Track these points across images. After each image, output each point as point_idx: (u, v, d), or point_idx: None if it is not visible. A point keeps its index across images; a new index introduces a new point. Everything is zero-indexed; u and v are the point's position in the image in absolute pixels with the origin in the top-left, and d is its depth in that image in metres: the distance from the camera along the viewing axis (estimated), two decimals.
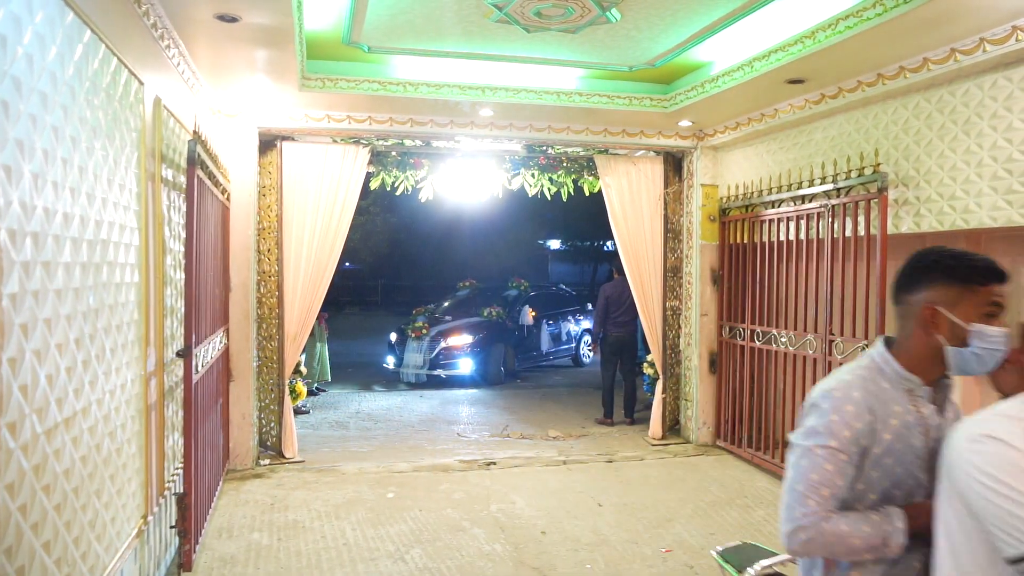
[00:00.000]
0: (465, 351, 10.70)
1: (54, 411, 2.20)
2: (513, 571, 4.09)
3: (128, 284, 3.07)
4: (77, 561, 2.44)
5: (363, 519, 4.85)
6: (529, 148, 6.85)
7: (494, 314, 11.43)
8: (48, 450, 2.17)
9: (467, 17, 4.35)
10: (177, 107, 4.11)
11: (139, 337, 3.25)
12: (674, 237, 7.10)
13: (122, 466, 2.97)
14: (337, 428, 7.66)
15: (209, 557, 4.16)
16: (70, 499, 2.36)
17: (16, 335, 1.93)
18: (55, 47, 2.24)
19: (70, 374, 2.33)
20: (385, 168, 6.67)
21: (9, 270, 1.89)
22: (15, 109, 1.94)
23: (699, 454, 6.53)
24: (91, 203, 2.58)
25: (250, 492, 5.33)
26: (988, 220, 4.01)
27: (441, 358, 10.63)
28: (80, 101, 2.46)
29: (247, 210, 5.85)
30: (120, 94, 2.96)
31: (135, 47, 3.24)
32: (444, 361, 10.62)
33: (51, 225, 2.19)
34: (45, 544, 2.15)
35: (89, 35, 2.57)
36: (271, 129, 5.99)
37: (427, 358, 10.60)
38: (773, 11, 4.17)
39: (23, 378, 1.98)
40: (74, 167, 2.39)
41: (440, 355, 10.65)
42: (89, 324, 2.54)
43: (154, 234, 3.55)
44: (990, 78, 3.98)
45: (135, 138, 3.20)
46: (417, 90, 5.48)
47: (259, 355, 6.12)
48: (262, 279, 6.15)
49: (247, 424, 5.87)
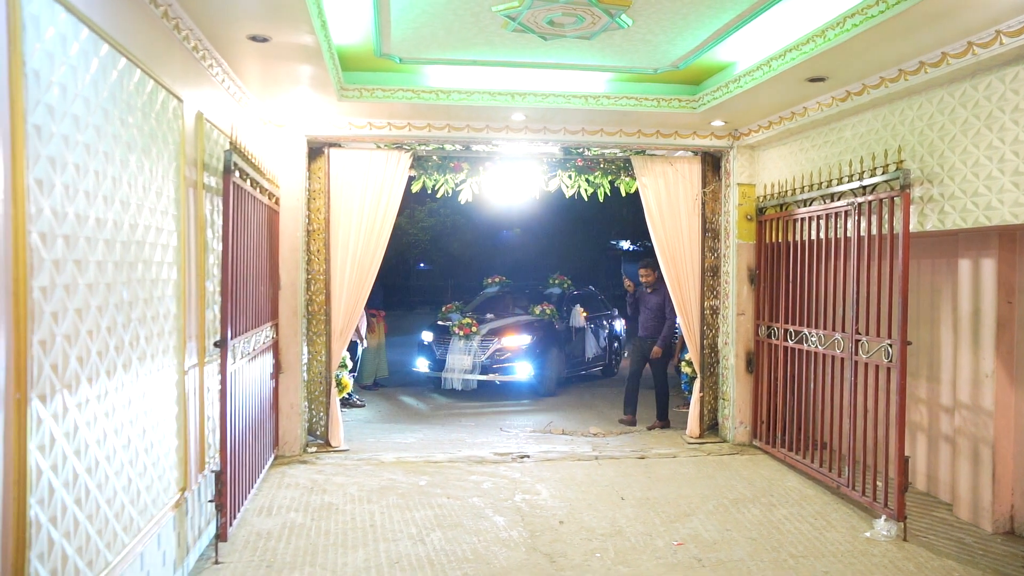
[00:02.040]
0: (522, 353, 9.26)
1: (85, 387, 2.56)
2: (525, 556, 4.28)
3: (165, 280, 3.45)
4: (110, 520, 2.81)
5: (393, 504, 5.14)
6: (566, 150, 7.00)
7: (547, 312, 10.11)
8: (79, 420, 2.53)
9: (486, 28, 4.57)
10: (221, 119, 4.52)
11: (177, 328, 3.64)
12: (713, 237, 7.09)
13: (158, 441, 3.35)
14: (387, 420, 8.04)
15: (247, 532, 4.54)
16: (102, 465, 2.73)
17: (47, 321, 2.29)
18: (88, 75, 2.61)
19: (101, 356, 2.70)
20: (426, 172, 6.98)
21: (39, 267, 2.24)
22: (47, 131, 2.30)
23: (734, 453, 6.52)
24: (125, 209, 2.95)
25: (294, 476, 5.74)
26: (1010, 217, 3.90)
27: (494, 361, 9.23)
28: (114, 121, 2.83)
29: (296, 214, 6.27)
30: (157, 112, 3.35)
31: (175, 68, 3.63)
32: (498, 365, 9.20)
33: (83, 228, 2.55)
34: (77, 500, 2.52)
35: (124, 62, 2.95)
36: (318, 137, 6.40)
37: (477, 361, 9.22)
38: (786, 10, 4.20)
39: (53, 358, 2.34)
40: (107, 178, 2.76)
41: (494, 357, 9.25)
42: (122, 314, 2.91)
43: (196, 235, 3.94)
44: (1012, 70, 3.88)
45: (173, 150, 3.58)
46: (449, 97, 5.75)
47: (309, 350, 6.54)
48: (312, 278, 6.57)
49: (295, 413, 6.29)
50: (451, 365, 9.29)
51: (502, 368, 9.17)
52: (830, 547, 4.40)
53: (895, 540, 4.47)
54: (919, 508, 5.08)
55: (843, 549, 4.36)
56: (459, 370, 9.23)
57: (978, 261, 4.74)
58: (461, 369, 9.23)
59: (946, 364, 5.18)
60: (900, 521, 4.51)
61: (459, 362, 9.27)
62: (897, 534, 4.51)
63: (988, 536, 4.59)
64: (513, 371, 9.17)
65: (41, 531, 2.27)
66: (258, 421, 5.25)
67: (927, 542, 4.48)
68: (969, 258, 4.81)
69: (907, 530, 4.52)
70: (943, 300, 5.23)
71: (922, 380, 5.41)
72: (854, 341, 5.03)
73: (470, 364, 9.20)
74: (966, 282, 4.83)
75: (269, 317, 5.77)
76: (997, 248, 4.59)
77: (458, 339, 9.38)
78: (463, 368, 9.22)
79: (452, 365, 9.29)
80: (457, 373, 9.25)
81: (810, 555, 4.29)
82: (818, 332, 5.55)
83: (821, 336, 5.50)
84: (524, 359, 9.23)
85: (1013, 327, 4.61)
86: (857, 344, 5.00)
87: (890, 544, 4.43)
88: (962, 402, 4.86)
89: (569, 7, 4.11)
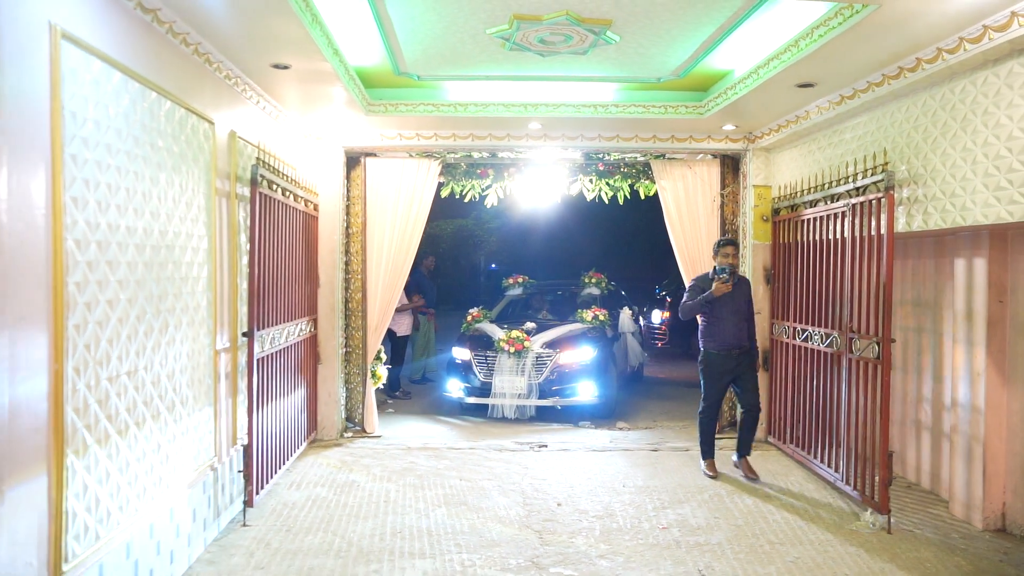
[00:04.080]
0: (584, 371, 7.69)
1: (115, 363, 3.15)
2: (516, 532, 4.67)
3: (196, 277, 4.04)
4: (139, 475, 3.39)
5: (409, 483, 5.64)
6: (586, 155, 7.33)
7: (600, 319, 8.53)
8: (111, 390, 3.11)
9: (487, 48, 4.99)
10: (256, 136, 5.12)
11: (208, 319, 4.24)
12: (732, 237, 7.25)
13: (186, 415, 3.95)
14: (427, 410, 8.54)
15: (276, 502, 5.13)
16: (131, 429, 3.32)
17: (80, 309, 2.87)
18: (120, 110, 3.19)
19: (130, 340, 3.28)
20: (454, 178, 7.47)
21: (74, 267, 2.82)
22: (82, 158, 2.88)
23: None
24: (155, 218, 3.54)
25: (327, 457, 6.32)
26: (981, 217, 4.00)
27: (554, 382, 7.66)
28: (144, 145, 3.42)
29: (334, 219, 6.87)
30: (187, 134, 3.94)
31: (206, 95, 4.23)
32: (558, 387, 7.64)
33: (114, 235, 3.14)
34: (108, 455, 3.10)
35: (154, 96, 3.54)
36: (354, 148, 6.98)
37: (534, 383, 7.64)
38: (766, 21, 4.41)
39: (86, 338, 2.92)
40: (137, 193, 3.35)
41: (553, 377, 7.68)
42: (152, 305, 3.49)
43: (228, 239, 4.55)
44: (981, 75, 3.98)
45: (204, 165, 4.18)
46: (467, 109, 6.20)
47: (347, 343, 7.13)
48: (351, 277, 7.16)
49: (332, 401, 6.89)
50: (500, 388, 7.64)
51: (562, 390, 7.64)
52: (810, 537, 4.58)
53: (878, 533, 4.60)
54: (917, 505, 5.16)
55: (822, 539, 4.54)
56: (510, 394, 7.64)
57: (971, 261, 4.79)
58: (513, 393, 7.63)
59: (947, 362, 5.23)
60: (884, 514, 4.63)
61: (510, 385, 7.63)
62: (881, 527, 4.64)
63: (977, 532, 4.65)
64: (575, 392, 7.63)
65: (76, 476, 2.86)
66: (292, 405, 5.85)
67: (911, 535, 4.59)
68: (963, 258, 4.86)
69: (892, 524, 4.63)
70: (944, 299, 5.27)
71: (926, 378, 5.46)
72: (848, 339, 5.16)
73: (524, 387, 7.60)
74: (960, 281, 4.89)
75: (307, 312, 6.38)
76: (988, 248, 4.65)
77: (506, 356, 7.72)
78: (516, 392, 7.62)
79: (501, 388, 7.64)
80: (508, 398, 7.64)
81: (787, 543, 4.49)
82: (820, 330, 5.68)
83: (822, 334, 5.63)
84: (587, 378, 7.66)
85: (1004, 326, 4.65)
86: (851, 342, 5.13)
87: (872, 536, 4.56)
88: (957, 400, 4.92)
89: (555, 27, 4.47)
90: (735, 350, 5.70)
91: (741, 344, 5.73)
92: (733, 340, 5.69)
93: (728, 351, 5.69)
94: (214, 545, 4.35)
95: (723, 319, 5.69)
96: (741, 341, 5.73)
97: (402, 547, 4.40)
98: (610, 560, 4.25)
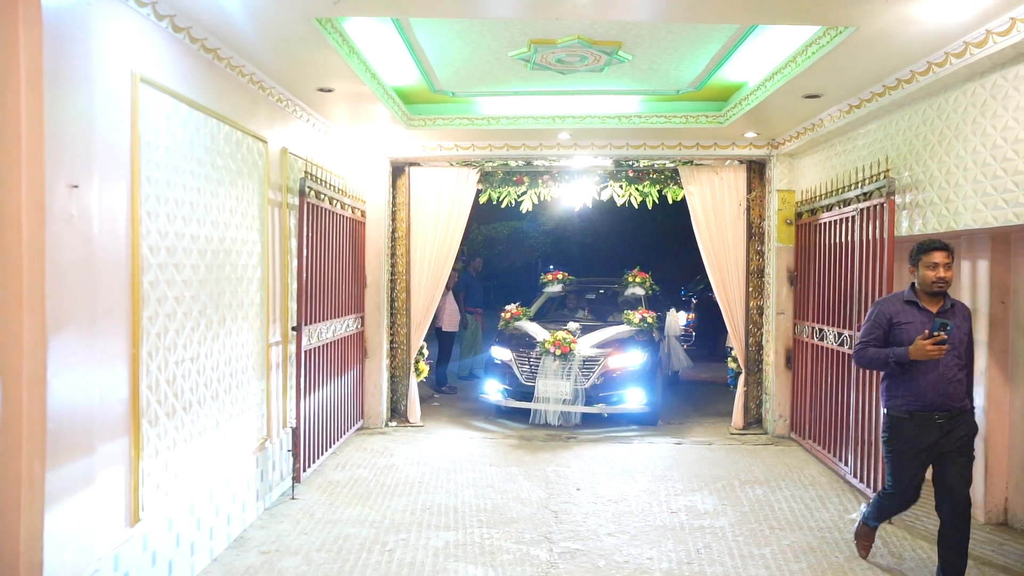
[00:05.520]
0: (633, 376, 7.33)
1: (180, 349, 3.75)
2: (534, 511, 5.10)
3: (250, 278, 4.64)
4: (201, 446, 3.99)
5: (442, 467, 6.14)
6: (617, 163, 7.69)
7: (648, 321, 8.09)
8: (176, 372, 3.71)
9: (511, 68, 5.44)
10: (305, 150, 5.72)
11: (261, 314, 4.83)
12: (758, 240, 7.48)
13: (241, 397, 4.54)
14: (469, 403, 9.02)
15: (322, 479, 5.72)
16: (194, 407, 3.92)
17: (152, 303, 3.47)
18: (186, 136, 3.79)
19: (193, 330, 3.88)
20: (491, 186, 7.95)
21: (147, 268, 3.42)
22: (154, 178, 3.48)
23: (770, 444, 6.91)
24: (215, 227, 4.14)
25: (371, 443, 6.90)
26: (971, 222, 4.20)
27: (600, 388, 7.28)
28: (205, 165, 4.02)
29: (380, 224, 7.46)
30: (243, 153, 4.54)
31: (260, 117, 4.83)
32: (605, 393, 7.27)
33: (180, 241, 3.74)
34: (175, 426, 3.70)
35: (214, 122, 4.14)
36: (399, 158, 7.55)
37: (580, 388, 7.27)
38: (767, 38, 4.71)
39: (157, 328, 3.52)
40: (199, 206, 3.95)
41: (600, 383, 7.30)
42: (212, 301, 4.09)
43: (280, 244, 5.15)
44: (970, 86, 4.19)
45: (258, 179, 4.78)
46: (499, 122, 6.67)
47: (392, 339, 7.71)
48: (396, 277, 7.74)
49: (378, 393, 7.48)
50: (543, 393, 7.26)
51: (609, 396, 7.26)
52: (811, 523, 4.84)
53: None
54: (925, 499, 5.31)
55: (822, 526, 4.79)
56: (555, 399, 7.26)
57: (974, 263, 4.95)
58: (558, 398, 7.25)
59: None
60: None
61: (555, 389, 7.24)
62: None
63: (979, 526, 4.80)
64: (623, 399, 7.28)
65: (149, 442, 3.46)
66: (339, 394, 6.45)
67: (910, 525, 4.79)
68: (968, 260, 5.02)
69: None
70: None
71: None
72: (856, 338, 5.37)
73: (570, 392, 7.22)
74: (965, 283, 5.04)
75: (354, 310, 6.98)
76: (991, 250, 4.80)
77: (551, 359, 7.33)
78: (560, 397, 7.24)
79: (545, 393, 7.26)
80: (552, 404, 7.27)
81: (788, 528, 4.77)
82: (833, 330, 5.89)
83: (835, 333, 5.84)
84: (635, 384, 7.30)
85: (1007, 326, 4.79)
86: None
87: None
88: None
89: (569, 49, 4.89)
90: (939, 413, 3.70)
91: (950, 404, 3.69)
92: (937, 397, 3.69)
93: (929, 414, 3.71)
94: (265, 513, 4.95)
95: (921, 364, 3.71)
96: (950, 399, 3.69)
97: (430, 521, 4.90)
98: (617, 538, 4.63)
